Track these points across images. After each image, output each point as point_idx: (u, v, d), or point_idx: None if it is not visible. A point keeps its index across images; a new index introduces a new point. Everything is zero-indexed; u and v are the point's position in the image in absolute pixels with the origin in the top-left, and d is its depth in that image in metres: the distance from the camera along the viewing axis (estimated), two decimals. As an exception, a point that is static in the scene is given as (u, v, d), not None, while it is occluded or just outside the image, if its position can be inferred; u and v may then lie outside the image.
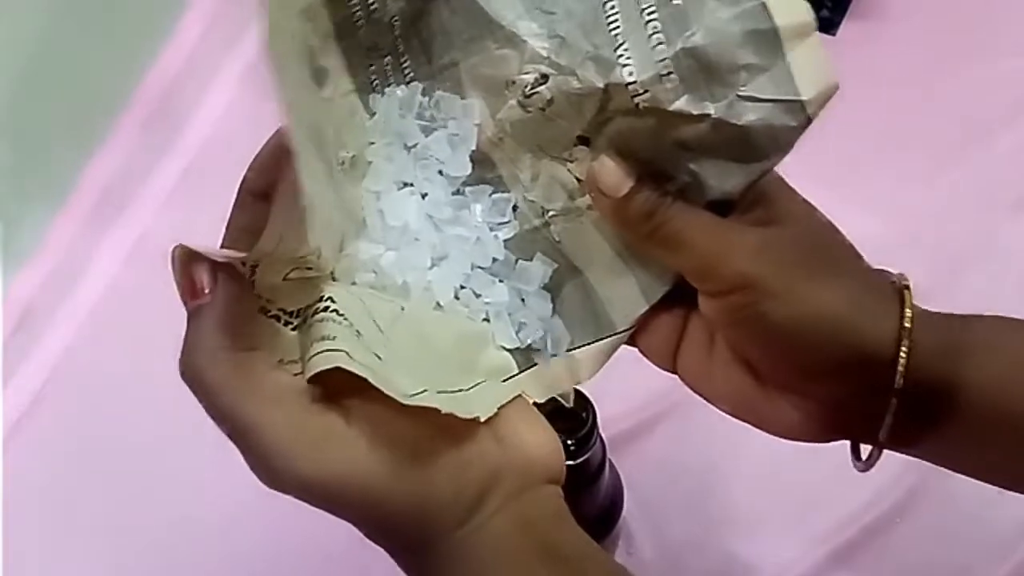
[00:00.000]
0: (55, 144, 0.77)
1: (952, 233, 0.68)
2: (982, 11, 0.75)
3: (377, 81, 0.36)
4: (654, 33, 0.32)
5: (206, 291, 0.29)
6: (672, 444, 0.63)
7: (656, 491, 0.61)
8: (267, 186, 0.32)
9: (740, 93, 0.32)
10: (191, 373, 0.29)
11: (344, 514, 0.29)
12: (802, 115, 0.31)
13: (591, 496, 0.53)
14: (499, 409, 0.32)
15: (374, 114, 0.36)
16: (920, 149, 0.71)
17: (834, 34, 0.72)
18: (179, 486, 0.65)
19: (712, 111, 0.32)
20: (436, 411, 0.29)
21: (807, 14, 0.31)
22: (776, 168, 0.34)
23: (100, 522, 0.66)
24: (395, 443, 0.29)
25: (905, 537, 0.60)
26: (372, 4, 0.34)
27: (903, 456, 0.36)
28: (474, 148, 0.36)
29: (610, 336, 0.36)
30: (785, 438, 0.37)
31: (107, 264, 0.77)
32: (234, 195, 0.33)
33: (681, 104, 0.32)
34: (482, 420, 0.31)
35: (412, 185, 0.36)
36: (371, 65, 0.36)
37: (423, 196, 0.36)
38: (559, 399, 0.37)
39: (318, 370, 0.28)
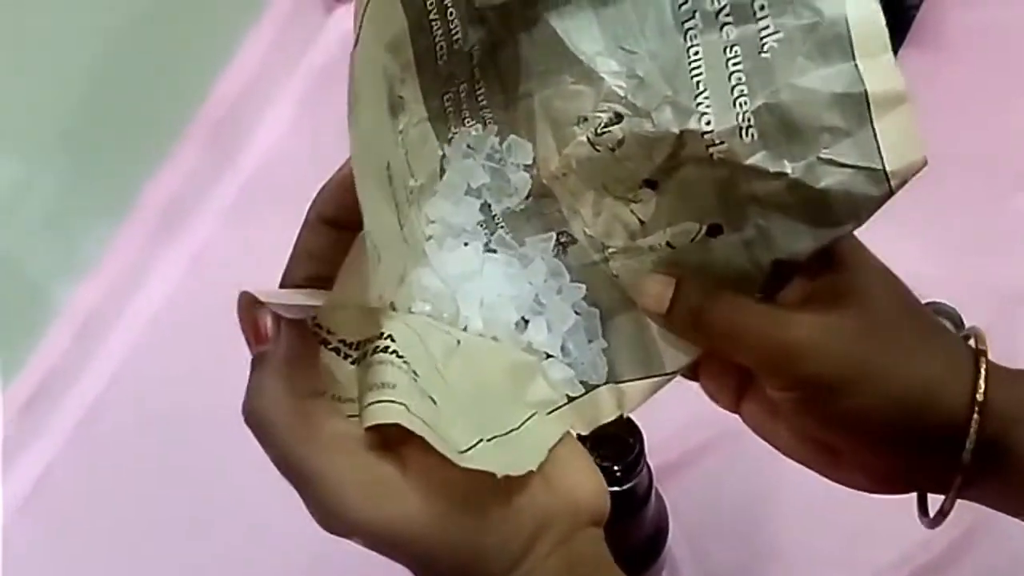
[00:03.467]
0: (119, 159, 0.79)
1: (1013, 264, 0.66)
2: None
3: (451, 109, 0.36)
4: (737, 84, 0.31)
5: (269, 337, 0.29)
6: (719, 473, 0.62)
7: (702, 520, 0.60)
8: (337, 212, 0.32)
9: (821, 155, 0.30)
10: (254, 418, 0.29)
11: (399, 559, 0.30)
12: (884, 186, 0.30)
13: (637, 524, 0.52)
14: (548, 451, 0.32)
15: (447, 142, 0.36)
16: (979, 180, 0.70)
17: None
18: (235, 491, 0.66)
19: (790, 171, 0.31)
20: None
21: (901, 83, 0.30)
22: None
23: (157, 528, 0.67)
24: (449, 493, 0.29)
25: (961, 579, 0.58)
26: (455, 34, 0.34)
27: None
28: (528, 190, 0.36)
29: (659, 376, 0.36)
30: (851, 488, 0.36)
31: (167, 277, 0.79)
32: (291, 213, 0.34)
33: (757, 160, 0.31)
34: (535, 470, 0.31)
35: (470, 224, 0.36)
36: (446, 93, 0.35)
37: (481, 224, 0.36)
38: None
39: (377, 422, 0.29)
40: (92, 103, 0.75)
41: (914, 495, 0.37)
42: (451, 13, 0.33)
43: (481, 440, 0.30)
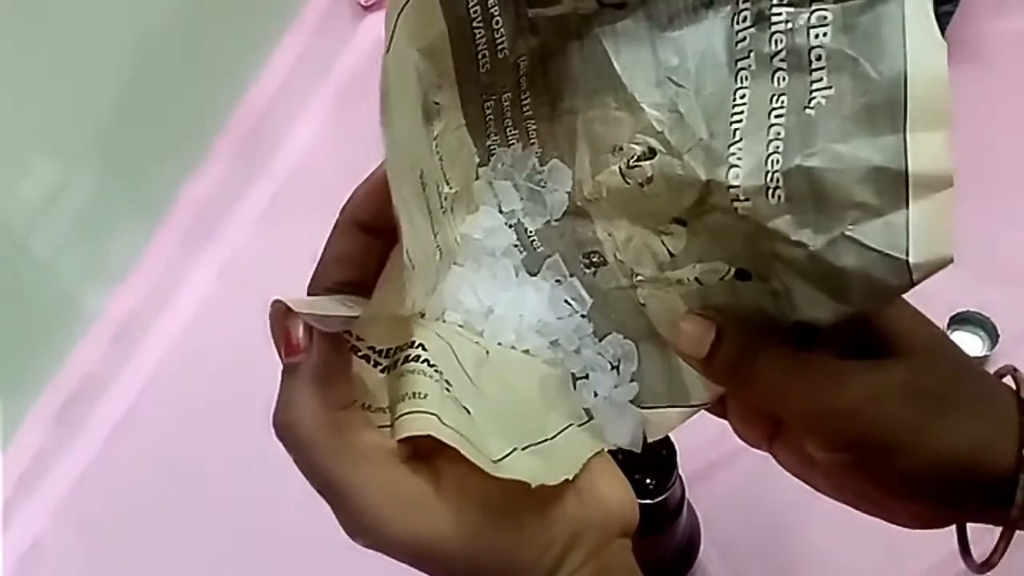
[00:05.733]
0: (152, 165, 0.80)
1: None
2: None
3: (492, 117, 0.35)
4: (774, 139, 0.28)
5: (301, 347, 0.29)
6: (751, 482, 0.62)
7: (734, 531, 0.60)
8: (369, 216, 0.31)
9: (846, 232, 0.27)
10: (285, 429, 0.29)
11: (431, 572, 0.30)
12: (905, 277, 0.27)
13: (669, 536, 0.52)
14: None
15: (486, 150, 0.35)
16: (1017, 194, 0.68)
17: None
18: (268, 495, 0.66)
19: (810, 243, 0.28)
20: None
21: (948, 166, 0.26)
22: None
23: (192, 532, 0.68)
24: (482, 506, 0.29)
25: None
26: (500, 43, 0.33)
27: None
28: (564, 210, 0.35)
29: (683, 407, 0.34)
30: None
31: (199, 283, 0.79)
32: (322, 218, 0.33)
33: (780, 224, 0.29)
34: (569, 479, 0.30)
35: (504, 243, 0.35)
36: (487, 101, 0.34)
37: (516, 246, 0.36)
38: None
39: (409, 434, 0.29)
40: (125, 110, 0.76)
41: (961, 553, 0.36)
42: (497, 22, 0.32)
43: (515, 449, 0.30)
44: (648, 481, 0.47)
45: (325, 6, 0.88)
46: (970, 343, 0.65)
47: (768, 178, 0.28)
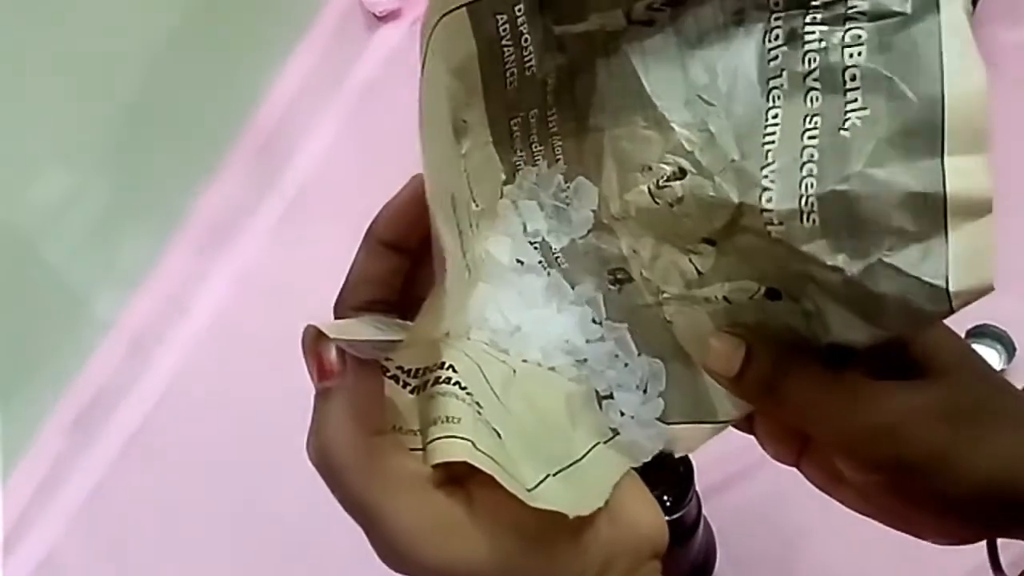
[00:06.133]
0: (167, 176, 0.81)
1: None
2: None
3: (518, 133, 0.34)
4: (808, 162, 0.28)
5: (335, 372, 0.29)
6: (767, 497, 0.61)
7: (750, 547, 0.60)
8: (396, 236, 0.31)
9: (883, 258, 0.27)
10: (319, 454, 0.29)
11: None
12: (944, 305, 0.26)
13: (685, 552, 0.52)
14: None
15: (512, 167, 0.35)
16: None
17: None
18: (284, 506, 0.66)
19: (846, 269, 0.27)
20: None
21: (988, 191, 0.26)
22: None
23: (207, 542, 0.68)
24: (517, 533, 0.29)
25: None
26: (528, 61, 0.32)
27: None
28: (589, 228, 0.35)
29: (710, 423, 0.34)
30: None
31: (214, 291, 0.79)
32: (335, 228, 0.33)
33: (815, 249, 0.28)
34: (603, 504, 0.30)
35: (530, 261, 0.35)
36: (513, 119, 0.34)
37: (541, 263, 0.35)
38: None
39: (444, 460, 0.28)
40: (140, 119, 0.76)
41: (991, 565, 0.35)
42: (526, 40, 0.32)
43: (548, 475, 0.30)
44: (665, 498, 0.47)
45: (339, 17, 0.89)
46: (987, 357, 0.65)
47: (802, 202, 0.28)
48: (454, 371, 0.30)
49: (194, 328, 0.78)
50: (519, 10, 0.31)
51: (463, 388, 0.30)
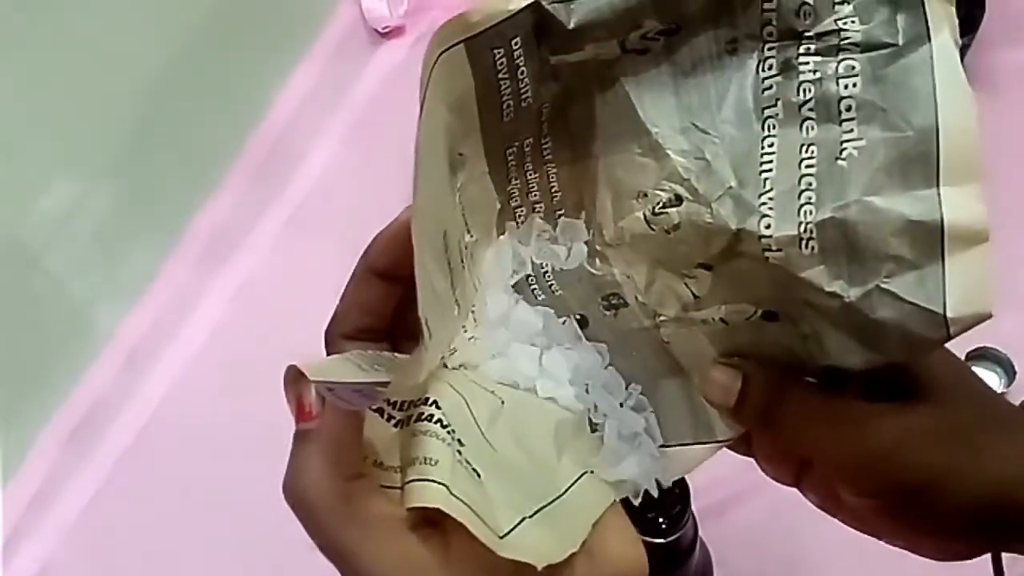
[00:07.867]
0: (169, 189, 0.81)
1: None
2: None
3: (513, 162, 0.34)
4: (806, 190, 0.28)
5: (313, 414, 0.28)
6: (764, 519, 0.61)
7: (747, 570, 0.59)
8: (388, 265, 0.31)
9: (881, 285, 0.27)
10: (294, 497, 0.29)
11: None
12: (942, 331, 0.27)
13: (682, 575, 0.51)
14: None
15: (506, 195, 0.35)
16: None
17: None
18: (280, 520, 0.66)
19: (844, 295, 0.28)
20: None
21: (983, 220, 0.26)
22: None
23: (203, 557, 0.68)
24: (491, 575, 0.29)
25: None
26: (524, 93, 0.32)
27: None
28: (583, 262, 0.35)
29: (707, 443, 0.34)
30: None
31: (213, 305, 0.79)
32: (335, 244, 0.33)
33: (814, 275, 0.28)
34: (576, 549, 0.30)
35: (523, 310, 0.35)
36: (508, 149, 0.34)
37: (533, 289, 0.35)
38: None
39: (417, 505, 0.28)
40: (143, 132, 0.76)
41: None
42: (522, 72, 0.32)
43: (524, 519, 0.29)
44: (661, 520, 0.46)
45: (342, 33, 0.89)
46: (987, 379, 0.64)
47: (801, 228, 0.28)
48: (437, 407, 0.30)
49: (192, 342, 0.78)
50: (516, 43, 0.31)
51: (445, 426, 0.30)
